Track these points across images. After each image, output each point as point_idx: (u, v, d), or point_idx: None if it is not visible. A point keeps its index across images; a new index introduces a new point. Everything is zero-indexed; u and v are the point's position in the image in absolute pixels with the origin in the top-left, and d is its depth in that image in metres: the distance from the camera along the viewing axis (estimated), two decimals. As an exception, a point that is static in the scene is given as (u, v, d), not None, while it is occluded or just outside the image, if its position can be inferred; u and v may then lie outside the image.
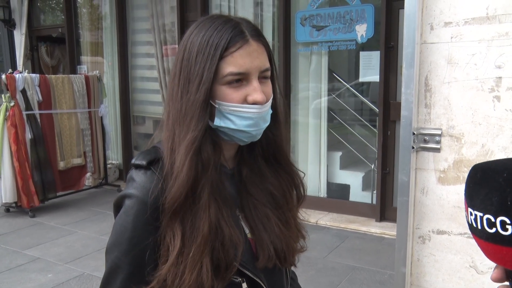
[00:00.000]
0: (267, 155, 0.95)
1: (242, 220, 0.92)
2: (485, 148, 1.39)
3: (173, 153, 0.83)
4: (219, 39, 0.81)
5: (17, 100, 4.76)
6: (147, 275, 0.83)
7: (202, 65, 0.81)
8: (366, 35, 4.40)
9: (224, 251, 0.82)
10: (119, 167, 6.42)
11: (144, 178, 0.84)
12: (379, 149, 4.47)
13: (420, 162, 1.51)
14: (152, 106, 6.23)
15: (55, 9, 7.54)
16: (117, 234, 0.85)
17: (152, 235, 0.82)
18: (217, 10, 5.39)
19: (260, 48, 0.85)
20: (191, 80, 0.83)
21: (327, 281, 3.32)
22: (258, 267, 0.90)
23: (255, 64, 0.83)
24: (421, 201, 1.52)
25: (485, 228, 0.52)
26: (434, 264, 1.52)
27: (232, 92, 0.83)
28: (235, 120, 0.84)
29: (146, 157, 0.86)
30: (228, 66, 0.81)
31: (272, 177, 0.95)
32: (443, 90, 1.44)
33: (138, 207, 0.82)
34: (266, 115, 0.87)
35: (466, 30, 1.38)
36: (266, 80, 0.87)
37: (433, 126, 1.47)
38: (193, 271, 0.79)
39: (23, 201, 4.82)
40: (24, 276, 3.46)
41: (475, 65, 1.38)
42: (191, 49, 0.84)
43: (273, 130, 0.92)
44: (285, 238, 0.93)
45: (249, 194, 0.93)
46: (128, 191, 0.84)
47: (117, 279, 0.84)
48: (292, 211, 0.98)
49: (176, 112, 0.84)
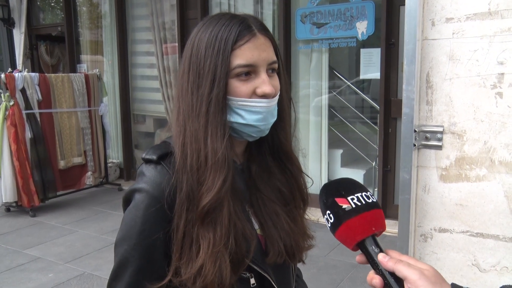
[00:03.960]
0: (273, 152, 0.95)
1: (252, 215, 0.93)
2: (487, 145, 1.38)
3: (185, 148, 0.83)
4: (228, 34, 0.82)
5: (17, 99, 4.75)
6: (157, 270, 0.83)
7: (214, 60, 0.82)
8: (367, 32, 4.38)
9: (237, 246, 0.83)
10: (120, 165, 6.41)
11: (154, 173, 0.84)
12: (380, 147, 4.45)
13: (421, 160, 1.49)
14: (152, 105, 6.22)
15: (55, 8, 7.52)
16: (127, 227, 0.85)
17: (162, 229, 0.82)
18: (217, 8, 5.37)
19: (267, 42, 0.86)
20: (202, 75, 0.83)
21: (328, 279, 3.32)
22: (268, 263, 0.90)
23: (263, 57, 0.84)
24: (423, 199, 1.50)
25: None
26: (436, 263, 1.51)
27: (241, 85, 0.84)
28: (244, 115, 0.84)
29: (156, 151, 0.86)
30: (237, 59, 0.82)
31: (279, 173, 0.96)
32: (445, 86, 1.42)
33: (149, 201, 0.82)
34: (274, 109, 0.88)
35: (468, 26, 1.36)
36: (274, 74, 0.88)
37: (434, 123, 1.45)
38: (215, 264, 0.80)
39: (24, 201, 4.82)
40: (25, 276, 3.45)
41: (477, 61, 1.36)
42: (199, 46, 0.84)
43: (278, 128, 0.93)
44: (294, 234, 0.94)
45: (258, 190, 0.93)
46: (138, 186, 0.85)
47: (126, 273, 0.84)
48: (298, 209, 0.99)
49: (187, 108, 0.84)
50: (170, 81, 5.79)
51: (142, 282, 0.83)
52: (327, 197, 0.72)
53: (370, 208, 0.69)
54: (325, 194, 0.73)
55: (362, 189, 0.72)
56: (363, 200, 0.70)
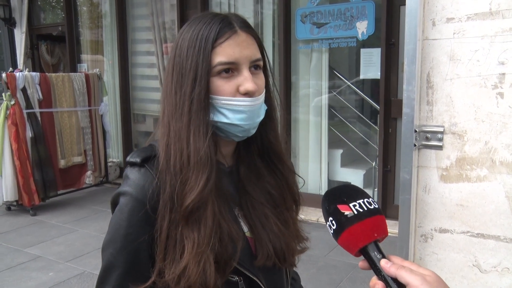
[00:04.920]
0: (262, 153, 0.94)
1: (241, 218, 0.91)
2: (488, 145, 1.38)
3: (168, 149, 0.83)
4: (209, 32, 0.82)
5: (18, 98, 4.75)
6: (143, 272, 0.83)
7: (195, 59, 0.81)
8: (367, 32, 4.38)
9: (223, 247, 0.82)
10: (120, 165, 6.41)
11: (138, 176, 0.84)
12: (380, 147, 4.45)
13: (422, 160, 1.49)
14: (152, 104, 6.22)
15: (55, 8, 7.52)
16: (112, 231, 0.85)
17: (147, 232, 0.82)
18: (217, 7, 5.37)
19: (250, 39, 0.85)
20: (184, 74, 0.82)
21: (328, 279, 3.32)
22: (256, 266, 0.89)
23: (244, 54, 0.82)
24: (423, 199, 1.50)
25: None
26: (436, 263, 1.51)
27: (224, 83, 0.82)
28: (227, 114, 0.83)
29: (140, 154, 0.86)
30: (218, 56, 0.81)
31: (268, 175, 0.94)
32: (445, 87, 1.42)
33: (133, 204, 0.82)
34: (259, 109, 0.86)
35: (469, 26, 1.36)
36: (258, 72, 0.86)
37: (435, 124, 1.45)
38: (199, 264, 0.79)
39: (24, 200, 4.82)
40: (26, 275, 3.46)
41: (478, 62, 1.36)
42: (182, 45, 0.84)
43: (266, 127, 0.91)
44: (284, 237, 0.92)
45: (247, 192, 0.92)
46: (122, 189, 0.85)
47: (112, 277, 0.84)
48: (289, 211, 0.97)
49: (171, 108, 0.84)
50: (171, 80, 5.79)
51: (127, 284, 0.82)
52: (329, 204, 0.73)
53: (372, 214, 0.70)
54: (327, 201, 0.74)
55: (363, 196, 0.72)
56: (365, 207, 0.70)
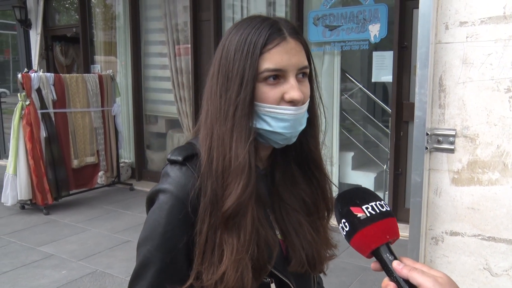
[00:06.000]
0: (300, 160, 0.93)
1: (273, 221, 0.91)
2: (500, 149, 1.38)
3: (211, 152, 0.82)
4: (258, 37, 0.81)
5: (32, 99, 4.83)
6: (179, 273, 0.83)
7: (242, 63, 0.80)
8: (379, 35, 4.37)
9: (260, 252, 0.82)
10: (132, 165, 6.47)
11: (179, 174, 0.83)
12: (392, 150, 4.43)
13: (433, 163, 1.49)
14: (165, 106, 6.27)
15: (70, 9, 7.63)
16: (150, 228, 0.84)
17: (186, 232, 0.81)
18: (230, 10, 5.40)
19: (298, 46, 0.84)
20: (230, 78, 0.82)
21: (338, 282, 3.31)
22: (289, 271, 0.89)
23: (292, 62, 0.81)
24: (434, 202, 1.50)
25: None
26: (447, 266, 1.51)
27: (269, 90, 0.81)
28: (271, 122, 0.82)
29: (182, 152, 0.85)
30: (265, 63, 0.80)
31: (304, 183, 0.93)
32: (458, 90, 1.42)
33: (173, 202, 0.82)
34: (302, 117, 0.85)
35: (482, 30, 1.36)
36: (304, 80, 0.86)
37: (447, 127, 1.45)
38: (237, 270, 0.79)
39: (38, 199, 4.90)
40: (39, 272, 3.51)
41: (491, 65, 1.36)
42: (229, 48, 0.83)
43: (308, 135, 0.91)
44: (316, 245, 0.92)
45: (281, 198, 0.91)
46: (162, 186, 0.84)
47: (148, 273, 0.83)
48: (321, 219, 0.97)
49: (215, 111, 0.83)
50: (183, 82, 5.83)
51: (163, 283, 0.82)
52: (342, 206, 0.74)
53: (384, 216, 0.71)
54: (340, 203, 0.75)
55: (376, 198, 0.74)
56: (377, 209, 0.71)
